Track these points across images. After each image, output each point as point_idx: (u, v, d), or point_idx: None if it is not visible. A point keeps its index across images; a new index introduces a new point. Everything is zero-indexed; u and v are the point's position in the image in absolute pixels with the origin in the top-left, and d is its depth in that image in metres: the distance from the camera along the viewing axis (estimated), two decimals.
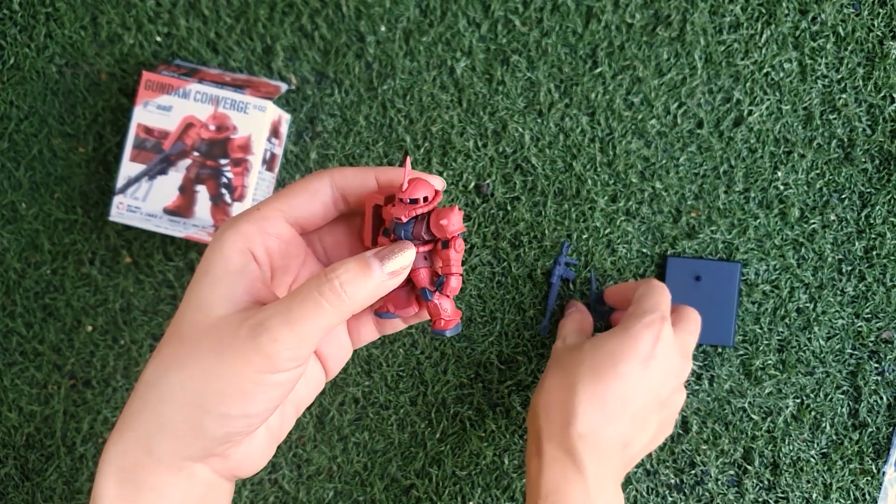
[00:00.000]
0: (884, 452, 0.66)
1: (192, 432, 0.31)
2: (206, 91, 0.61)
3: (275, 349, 0.30)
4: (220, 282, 0.32)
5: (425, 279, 0.35)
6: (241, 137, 0.61)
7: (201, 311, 0.32)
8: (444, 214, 0.33)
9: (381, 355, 0.67)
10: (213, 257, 0.33)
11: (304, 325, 0.30)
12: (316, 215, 0.35)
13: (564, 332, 0.60)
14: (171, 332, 0.33)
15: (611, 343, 0.52)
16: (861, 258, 0.66)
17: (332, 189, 0.35)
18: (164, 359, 0.32)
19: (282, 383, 0.31)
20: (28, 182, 0.67)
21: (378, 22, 0.66)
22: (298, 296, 0.31)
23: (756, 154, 0.66)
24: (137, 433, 0.32)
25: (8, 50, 0.67)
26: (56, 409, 0.67)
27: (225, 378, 0.30)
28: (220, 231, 0.34)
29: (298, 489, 0.67)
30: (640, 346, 0.51)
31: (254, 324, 0.30)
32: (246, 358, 0.30)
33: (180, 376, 0.31)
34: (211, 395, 0.31)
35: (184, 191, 0.61)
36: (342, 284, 0.31)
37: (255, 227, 0.33)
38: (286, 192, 0.35)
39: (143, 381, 0.32)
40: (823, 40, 0.66)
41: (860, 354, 0.66)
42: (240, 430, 0.32)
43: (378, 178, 0.35)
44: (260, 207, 0.34)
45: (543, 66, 0.66)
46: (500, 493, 0.66)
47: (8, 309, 0.67)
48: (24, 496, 0.67)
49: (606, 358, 0.51)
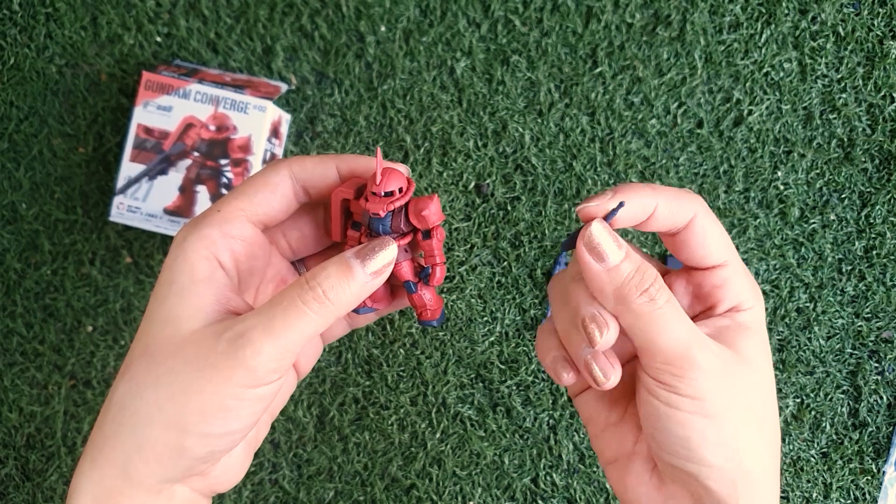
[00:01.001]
0: (884, 452, 0.66)
1: (172, 454, 0.30)
2: (206, 91, 0.61)
3: (257, 362, 0.29)
4: (187, 293, 0.31)
5: (408, 272, 0.34)
6: (242, 137, 0.61)
7: (171, 326, 0.30)
8: (424, 204, 0.32)
9: (382, 355, 0.67)
10: (176, 266, 0.31)
11: (287, 335, 0.29)
12: (278, 211, 0.34)
13: None
14: (138, 350, 0.31)
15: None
16: (861, 258, 0.66)
17: (292, 181, 0.34)
18: (135, 378, 0.30)
19: (264, 396, 0.30)
20: (28, 182, 0.67)
21: (378, 22, 0.66)
22: (279, 305, 0.30)
23: (756, 154, 0.66)
24: (113, 458, 0.30)
25: (8, 50, 0.67)
26: (56, 409, 0.67)
27: (205, 395, 0.29)
28: (181, 237, 0.32)
29: (299, 489, 0.67)
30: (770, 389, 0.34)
31: (233, 337, 0.29)
32: (227, 373, 0.29)
33: (156, 396, 0.29)
34: (191, 415, 0.29)
35: (184, 191, 0.61)
36: (325, 291, 0.30)
37: (218, 232, 0.32)
38: (245, 189, 0.33)
39: (115, 404, 0.30)
40: (823, 40, 0.66)
41: (860, 354, 0.66)
42: (222, 447, 0.31)
43: (339, 168, 0.34)
44: (220, 209, 0.32)
45: (543, 66, 0.66)
46: (501, 493, 0.66)
47: (8, 309, 0.67)
48: (25, 496, 0.67)
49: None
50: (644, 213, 0.33)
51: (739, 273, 0.34)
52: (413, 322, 0.66)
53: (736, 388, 0.31)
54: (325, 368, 0.67)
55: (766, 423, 0.32)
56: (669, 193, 0.33)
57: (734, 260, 0.34)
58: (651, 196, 0.33)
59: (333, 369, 0.67)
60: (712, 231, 0.34)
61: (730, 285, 0.34)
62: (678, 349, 0.31)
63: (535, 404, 0.66)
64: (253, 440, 0.35)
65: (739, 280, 0.34)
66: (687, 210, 0.33)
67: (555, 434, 0.66)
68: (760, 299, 0.34)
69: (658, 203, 0.33)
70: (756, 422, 0.32)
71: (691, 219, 0.33)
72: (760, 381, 0.32)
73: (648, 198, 0.33)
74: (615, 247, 0.32)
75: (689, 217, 0.33)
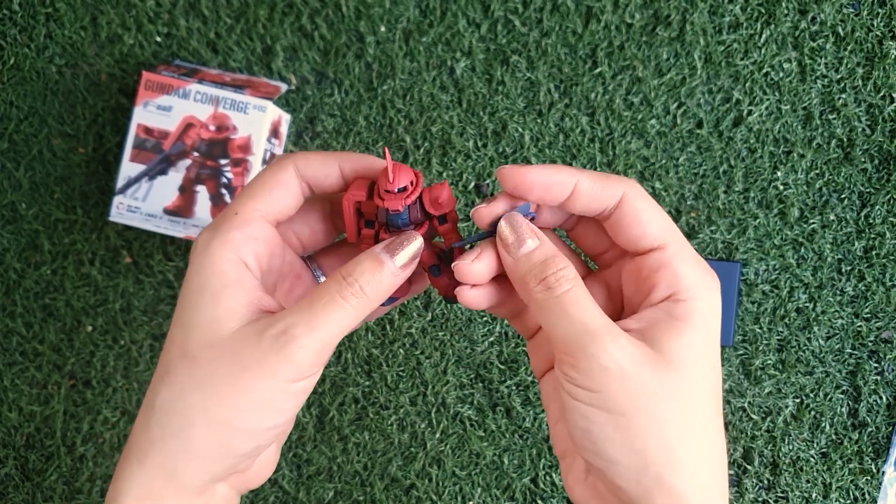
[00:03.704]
0: (883, 452, 0.66)
1: (220, 453, 0.31)
2: (206, 91, 0.61)
3: (301, 356, 0.30)
4: (221, 296, 0.32)
5: (431, 257, 0.36)
6: (241, 137, 0.61)
7: (209, 329, 0.31)
8: (438, 192, 0.34)
9: (381, 355, 0.67)
10: (205, 272, 0.32)
11: (329, 328, 0.31)
12: (290, 207, 0.35)
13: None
14: (176, 354, 0.32)
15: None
16: (860, 258, 0.66)
17: (298, 178, 0.35)
18: (177, 382, 0.31)
19: (307, 388, 0.31)
20: (28, 182, 0.67)
21: (378, 22, 0.66)
22: (319, 301, 0.31)
23: (755, 154, 0.66)
24: (161, 460, 0.31)
25: (8, 50, 0.67)
26: (56, 409, 0.67)
27: (252, 393, 0.30)
28: (204, 243, 0.32)
29: (298, 489, 0.67)
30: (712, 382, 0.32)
31: (276, 334, 0.30)
32: (273, 370, 0.30)
33: (203, 398, 0.30)
34: (239, 413, 0.30)
35: (184, 191, 0.61)
36: (362, 286, 0.31)
37: (240, 235, 0.33)
38: (258, 188, 0.34)
39: (159, 408, 0.31)
40: (823, 40, 0.66)
41: (860, 354, 0.66)
42: (267, 442, 0.32)
43: (342, 169, 0.35)
44: (237, 211, 0.33)
45: (543, 66, 0.66)
46: (500, 493, 0.66)
47: (8, 309, 0.67)
48: (25, 496, 0.67)
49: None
50: (563, 191, 0.32)
51: (680, 258, 0.31)
52: (413, 322, 0.66)
53: (648, 388, 0.30)
54: (325, 368, 0.67)
55: (694, 430, 0.30)
56: (594, 174, 0.32)
57: (675, 243, 0.32)
58: (570, 174, 0.32)
59: (333, 369, 0.67)
60: (646, 211, 0.32)
61: (667, 269, 0.31)
62: (573, 339, 0.30)
63: (535, 404, 0.66)
64: (283, 435, 0.36)
65: (679, 265, 0.31)
66: (614, 190, 0.32)
67: None
68: (711, 288, 0.31)
69: (579, 180, 0.32)
70: (678, 426, 0.30)
71: (620, 198, 0.32)
72: (690, 384, 0.30)
73: (567, 175, 0.32)
74: (524, 237, 0.32)
75: (618, 197, 0.32)
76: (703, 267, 0.32)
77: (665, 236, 0.32)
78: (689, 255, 0.32)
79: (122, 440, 0.67)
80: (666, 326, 0.31)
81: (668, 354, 0.30)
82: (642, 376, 0.29)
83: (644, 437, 0.29)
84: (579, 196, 0.32)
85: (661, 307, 0.31)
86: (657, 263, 0.32)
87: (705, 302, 0.31)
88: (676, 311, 0.31)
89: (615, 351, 0.29)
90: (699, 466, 0.30)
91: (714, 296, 0.31)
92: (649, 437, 0.29)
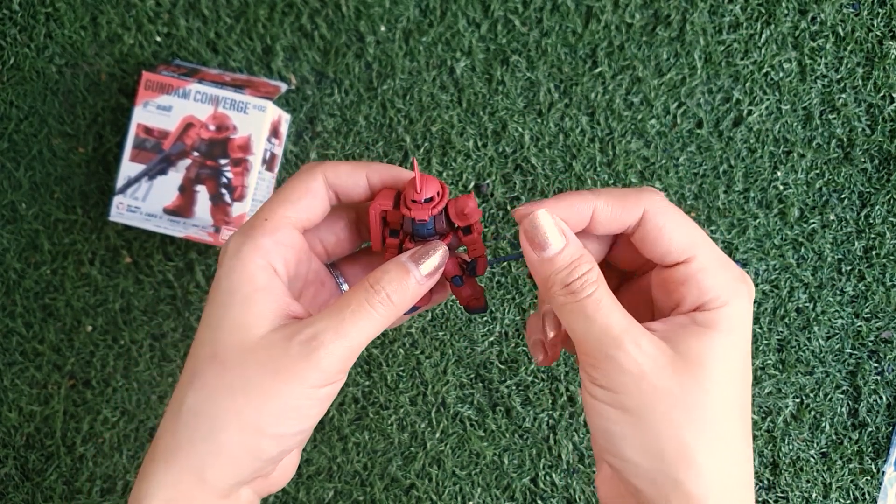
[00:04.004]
0: (883, 452, 0.66)
1: (248, 456, 0.31)
2: (205, 91, 0.61)
3: (329, 362, 0.31)
4: (251, 301, 0.32)
5: (454, 268, 0.36)
6: (241, 137, 0.61)
7: (239, 333, 0.32)
8: (464, 203, 0.34)
9: (381, 355, 0.67)
10: (235, 276, 0.32)
11: (356, 335, 0.31)
12: (317, 215, 0.35)
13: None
14: (205, 356, 0.32)
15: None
16: (860, 258, 0.66)
17: (326, 186, 0.35)
18: (207, 385, 0.31)
19: (332, 394, 0.32)
20: (28, 182, 0.67)
21: (378, 22, 0.66)
22: (348, 308, 0.31)
23: (755, 154, 0.66)
24: (188, 463, 0.31)
25: (8, 50, 0.67)
26: (56, 409, 0.67)
27: (281, 398, 0.31)
28: (236, 246, 0.33)
29: (298, 489, 0.67)
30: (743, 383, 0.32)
31: (305, 340, 0.31)
32: (301, 375, 0.30)
33: (234, 402, 0.31)
34: (268, 417, 0.31)
35: (184, 191, 0.61)
36: (389, 294, 0.32)
37: (270, 241, 0.33)
38: (287, 195, 0.34)
39: (187, 410, 0.32)
40: (823, 40, 0.66)
41: (860, 354, 0.66)
42: (293, 446, 0.32)
43: (370, 179, 0.35)
44: (268, 217, 0.34)
45: (543, 66, 0.66)
46: (500, 493, 0.66)
47: (8, 309, 0.67)
48: (24, 496, 0.67)
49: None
50: (581, 219, 0.32)
51: (708, 270, 0.31)
52: (413, 322, 0.66)
53: (666, 391, 0.30)
54: None
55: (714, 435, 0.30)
56: (612, 194, 0.32)
57: (703, 255, 0.32)
58: (586, 201, 0.32)
59: None
60: (669, 227, 0.32)
61: (693, 283, 0.31)
62: (595, 341, 0.30)
63: (535, 404, 0.66)
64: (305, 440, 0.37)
65: (707, 277, 0.31)
66: (633, 208, 0.32)
67: (554, 434, 0.66)
68: (740, 296, 0.31)
69: (596, 205, 0.32)
70: (695, 430, 0.30)
71: (641, 216, 0.32)
72: (711, 389, 0.30)
73: (583, 203, 0.32)
74: (553, 236, 0.32)
75: (638, 215, 0.32)
76: (731, 274, 0.32)
77: (689, 249, 0.32)
78: (717, 265, 0.32)
79: (122, 440, 0.67)
80: (690, 331, 0.31)
81: (688, 358, 0.30)
82: (661, 379, 0.30)
83: (660, 438, 0.30)
84: (599, 221, 0.33)
85: (688, 315, 0.31)
86: (683, 276, 0.32)
87: (733, 309, 0.31)
88: (703, 318, 0.31)
89: (635, 353, 0.30)
90: (718, 472, 0.30)
91: (743, 303, 0.31)
92: (665, 439, 0.30)
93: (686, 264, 0.32)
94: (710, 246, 0.32)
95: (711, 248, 0.32)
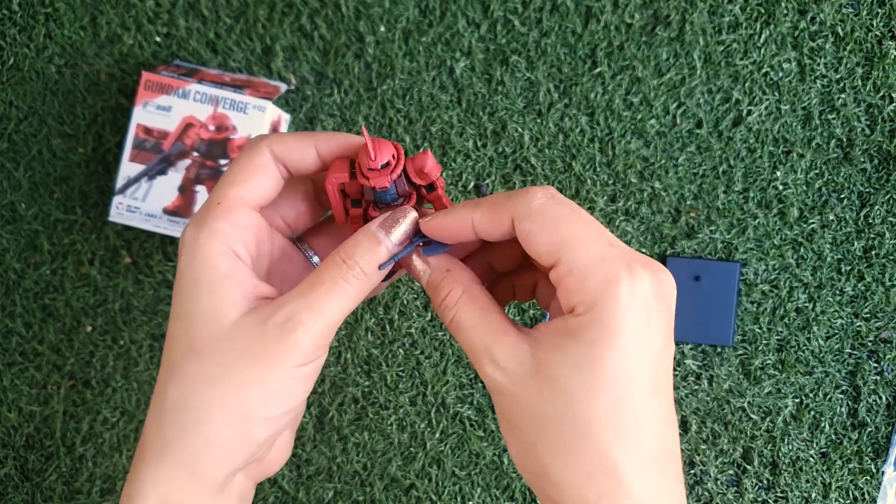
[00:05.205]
0: (883, 452, 0.66)
1: (239, 443, 0.31)
2: (205, 91, 0.61)
3: (307, 341, 0.30)
4: (217, 289, 0.31)
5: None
6: (241, 138, 0.61)
7: (212, 322, 0.31)
8: (422, 162, 0.33)
9: (381, 355, 0.67)
10: (197, 265, 0.32)
11: (332, 311, 0.31)
12: (270, 192, 0.34)
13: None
14: (182, 349, 0.32)
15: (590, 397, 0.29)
16: (860, 258, 0.66)
17: (274, 161, 0.34)
18: (187, 378, 0.31)
19: (314, 371, 0.32)
20: (27, 182, 0.67)
21: (377, 22, 0.66)
22: (321, 285, 0.31)
23: (755, 154, 0.66)
24: (179, 459, 0.31)
25: (7, 50, 0.67)
26: (56, 409, 0.67)
27: (264, 381, 0.30)
28: (193, 235, 0.32)
29: (298, 489, 0.67)
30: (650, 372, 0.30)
31: (280, 321, 0.30)
32: (282, 357, 0.30)
33: (216, 392, 0.31)
34: (254, 402, 0.30)
35: (183, 191, 0.61)
36: (362, 267, 0.31)
37: (227, 225, 0.32)
38: (236, 175, 0.33)
39: (171, 406, 0.31)
40: (822, 40, 0.66)
41: (859, 354, 0.66)
42: (282, 427, 0.32)
43: (319, 150, 0.34)
44: (221, 200, 0.33)
45: (543, 66, 0.66)
46: (500, 493, 0.66)
47: (7, 309, 0.67)
48: (24, 496, 0.67)
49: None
50: (465, 230, 0.32)
51: (574, 273, 0.29)
52: (412, 322, 0.66)
53: (521, 403, 0.30)
54: (325, 368, 0.67)
55: (571, 448, 0.29)
56: (489, 205, 0.31)
57: (569, 257, 0.29)
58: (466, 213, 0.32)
59: (333, 369, 0.67)
60: (534, 230, 0.30)
61: (561, 287, 0.30)
62: (470, 357, 0.32)
63: None
64: (296, 420, 0.37)
65: (572, 282, 0.29)
66: (502, 218, 0.31)
67: None
68: (612, 297, 0.28)
69: (473, 219, 0.32)
70: (549, 441, 0.29)
71: (510, 224, 0.31)
72: (563, 401, 0.28)
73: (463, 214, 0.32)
74: (419, 267, 0.34)
75: (507, 224, 0.31)
76: (605, 274, 0.29)
77: (554, 253, 0.30)
78: (587, 266, 0.29)
79: (122, 440, 0.67)
80: (552, 341, 0.30)
81: (542, 370, 0.29)
82: (516, 393, 0.30)
83: (524, 445, 0.30)
84: (480, 231, 0.32)
85: (563, 318, 0.30)
86: (555, 280, 0.30)
87: (600, 314, 0.28)
88: (571, 325, 0.29)
89: (490, 370, 0.31)
90: (573, 486, 0.29)
91: (613, 305, 0.28)
92: (527, 447, 0.30)
93: (556, 268, 0.30)
94: (584, 245, 0.29)
95: (583, 248, 0.29)
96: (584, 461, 0.29)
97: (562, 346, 0.29)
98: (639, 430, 0.29)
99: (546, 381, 0.29)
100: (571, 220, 0.30)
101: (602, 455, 0.29)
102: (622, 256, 0.29)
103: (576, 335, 0.29)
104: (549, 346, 0.30)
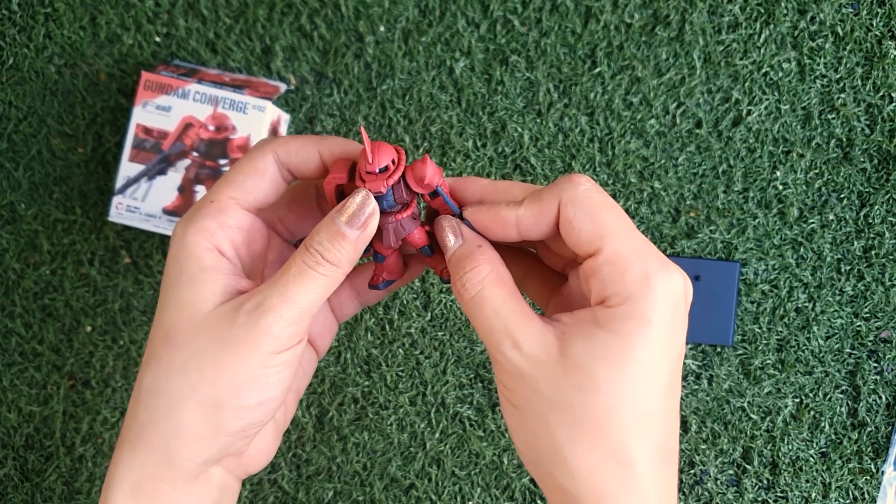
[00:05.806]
0: (883, 451, 0.66)
1: (211, 432, 0.31)
2: (205, 91, 0.61)
3: (280, 327, 0.31)
4: (198, 280, 0.32)
5: (422, 238, 0.34)
6: (241, 137, 0.61)
7: (188, 311, 0.32)
8: (420, 170, 0.32)
9: (381, 355, 0.67)
10: (181, 258, 0.33)
11: (303, 297, 0.31)
12: (269, 195, 0.35)
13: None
14: (159, 338, 0.32)
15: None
16: (860, 258, 0.66)
17: (277, 164, 0.35)
18: (161, 365, 0.32)
19: (290, 361, 0.32)
20: (27, 182, 0.67)
21: (377, 22, 0.66)
22: (289, 272, 0.31)
23: (755, 154, 0.66)
24: (152, 445, 0.31)
25: (7, 50, 0.67)
26: (55, 409, 0.67)
27: (235, 368, 0.30)
28: (180, 232, 0.33)
29: (298, 489, 0.67)
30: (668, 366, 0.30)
31: (251, 307, 0.31)
32: (252, 343, 0.30)
33: (188, 379, 0.31)
34: (225, 390, 0.31)
35: (183, 191, 0.61)
36: (324, 255, 0.31)
37: (215, 223, 0.33)
38: (234, 176, 0.34)
39: (145, 392, 0.32)
40: (822, 40, 0.66)
41: (859, 354, 0.66)
42: (257, 418, 0.32)
43: (322, 154, 0.34)
44: (213, 199, 0.33)
45: (542, 66, 0.66)
46: (500, 493, 0.66)
47: (7, 309, 0.67)
48: (24, 496, 0.67)
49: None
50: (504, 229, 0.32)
51: (614, 262, 0.29)
52: (412, 322, 0.66)
53: (542, 392, 0.30)
54: (325, 368, 0.67)
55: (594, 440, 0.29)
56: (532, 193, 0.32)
57: (611, 246, 0.29)
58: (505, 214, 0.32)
59: (332, 369, 0.67)
60: (578, 217, 0.30)
61: (597, 277, 0.30)
62: (486, 339, 0.31)
63: None
64: (281, 420, 0.37)
65: (610, 271, 0.29)
66: (550, 204, 0.31)
67: None
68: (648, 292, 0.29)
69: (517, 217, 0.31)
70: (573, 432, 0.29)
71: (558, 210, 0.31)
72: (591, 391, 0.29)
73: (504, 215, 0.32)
74: (450, 237, 0.33)
75: (555, 210, 0.31)
76: (642, 267, 0.29)
77: (597, 241, 0.30)
78: (627, 257, 0.29)
79: None
80: (581, 330, 0.30)
81: (570, 360, 0.29)
82: (538, 381, 0.30)
83: (536, 435, 0.30)
84: (527, 233, 0.32)
85: (592, 310, 0.30)
86: (591, 269, 0.30)
87: (634, 308, 0.29)
88: (601, 316, 0.29)
89: (512, 355, 0.30)
90: (591, 478, 0.29)
91: (649, 300, 0.29)
92: (541, 437, 0.30)
93: (594, 257, 0.30)
94: (625, 237, 0.30)
95: (624, 239, 0.30)
96: (603, 450, 0.29)
97: (592, 336, 0.29)
98: (653, 424, 0.29)
99: (573, 369, 0.29)
100: (613, 211, 0.30)
101: (621, 446, 0.29)
102: (656, 253, 0.30)
103: (606, 326, 0.29)
104: (576, 334, 0.30)
